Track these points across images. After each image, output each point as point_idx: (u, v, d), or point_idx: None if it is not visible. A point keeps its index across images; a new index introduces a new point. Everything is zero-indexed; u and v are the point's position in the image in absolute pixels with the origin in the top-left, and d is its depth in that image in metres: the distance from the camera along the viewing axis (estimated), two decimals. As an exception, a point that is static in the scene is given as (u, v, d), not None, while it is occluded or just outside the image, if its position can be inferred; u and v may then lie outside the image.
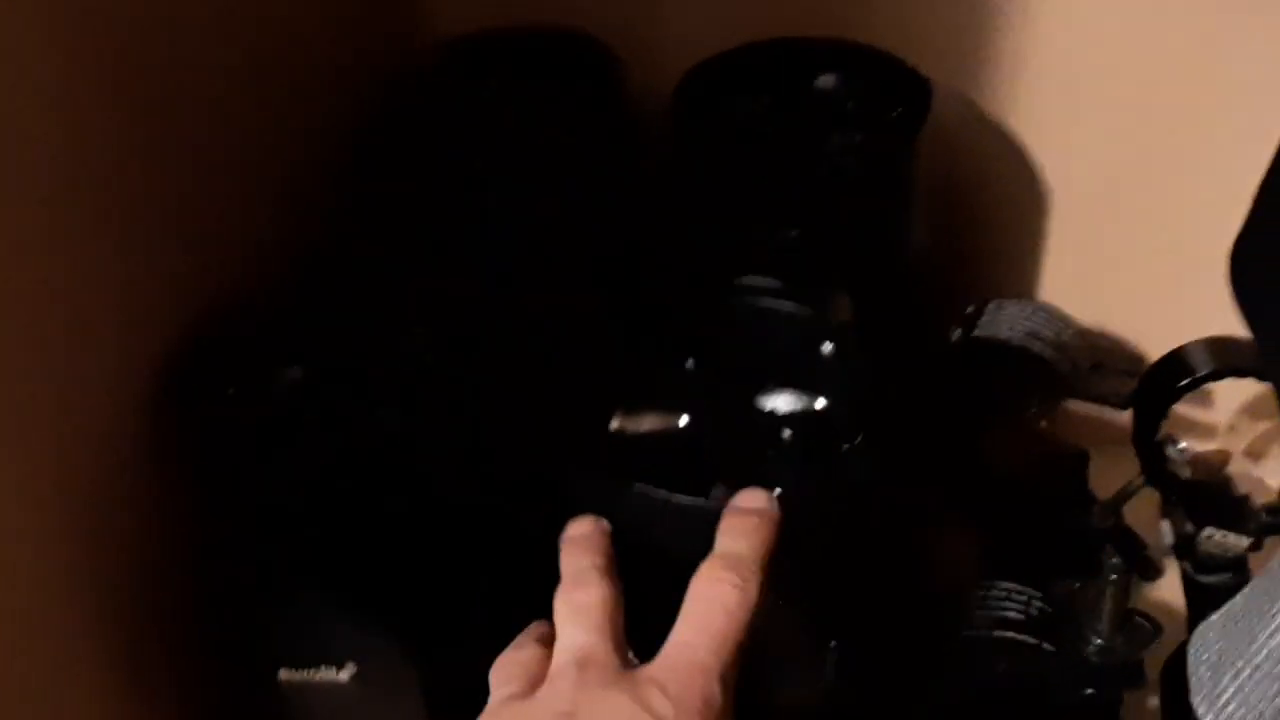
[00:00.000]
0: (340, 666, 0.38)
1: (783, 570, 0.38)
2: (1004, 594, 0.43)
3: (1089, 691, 0.43)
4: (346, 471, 0.39)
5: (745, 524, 0.36)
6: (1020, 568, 0.46)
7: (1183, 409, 0.49)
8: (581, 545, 0.37)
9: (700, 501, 0.36)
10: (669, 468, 0.37)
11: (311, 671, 0.39)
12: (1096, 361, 0.52)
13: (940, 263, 0.53)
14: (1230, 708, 0.30)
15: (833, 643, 0.39)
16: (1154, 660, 0.42)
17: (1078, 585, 0.43)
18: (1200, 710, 0.31)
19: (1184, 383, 0.47)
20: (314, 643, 0.38)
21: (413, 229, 0.46)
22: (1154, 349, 0.50)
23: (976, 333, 0.51)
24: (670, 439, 0.38)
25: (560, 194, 0.47)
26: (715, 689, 0.33)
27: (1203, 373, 0.47)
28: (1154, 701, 0.44)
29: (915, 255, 0.50)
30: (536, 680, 0.35)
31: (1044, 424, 0.56)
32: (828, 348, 0.40)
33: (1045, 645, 0.42)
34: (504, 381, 0.40)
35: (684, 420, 0.39)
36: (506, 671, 0.36)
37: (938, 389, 0.51)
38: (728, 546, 0.36)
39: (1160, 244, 0.52)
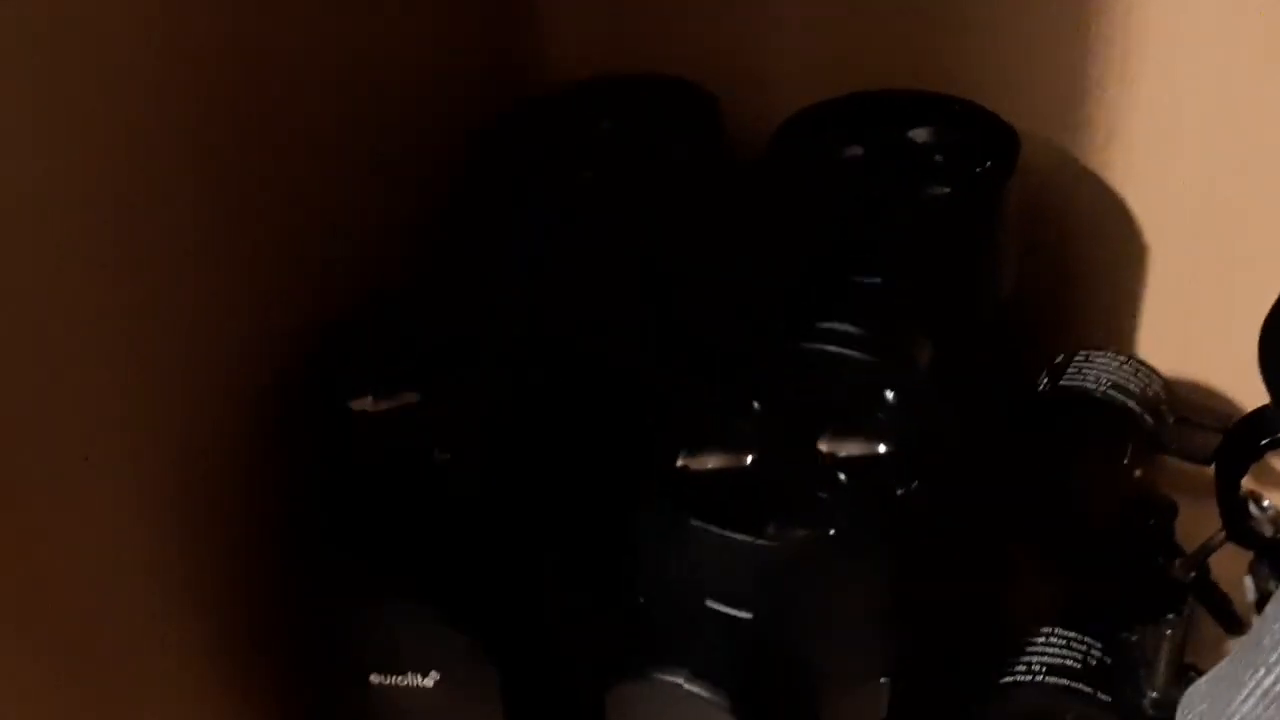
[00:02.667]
0: (425, 674, 0.42)
1: (840, 607, 0.40)
2: (1064, 641, 0.44)
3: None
4: (438, 488, 0.42)
5: None
6: (1096, 617, 0.47)
7: (1272, 466, 0.49)
8: None
9: (753, 540, 0.38)
10: (727, 506, 0.39)
11: (399, 678, 0.42)
12: (1182, 415, 0.52)
13: (1031, 316, 0.55)
14: None
15: (884, 679, 0.40)
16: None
17: (1135, 638, 0.43)
18: None
19: (1266, 441, 0.48)
20: (402, 651, 0.42)
21: (514, 249, 0.50)
22: (1241, 406, 0.51)
23: (1063, 382, 0.52)
24: (731, 478, 0.41)
25: (654, 226, 0.50)
26: None
27: (1287, 432, 0.47)
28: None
29: (1002, 306, 0.51)
30: None
31: (1138, 474, 0.57)
32: (890, 395, 0.42)
33: (1100, 695, 0.43)
34: (586, 409, 0.43)
35: (748, 460, 0.41)
36: None
37: (1025, 438, 0.52)
38: None
39: (1250, 301, 0.53)
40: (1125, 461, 0.54)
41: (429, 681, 0.42)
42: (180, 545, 0.42)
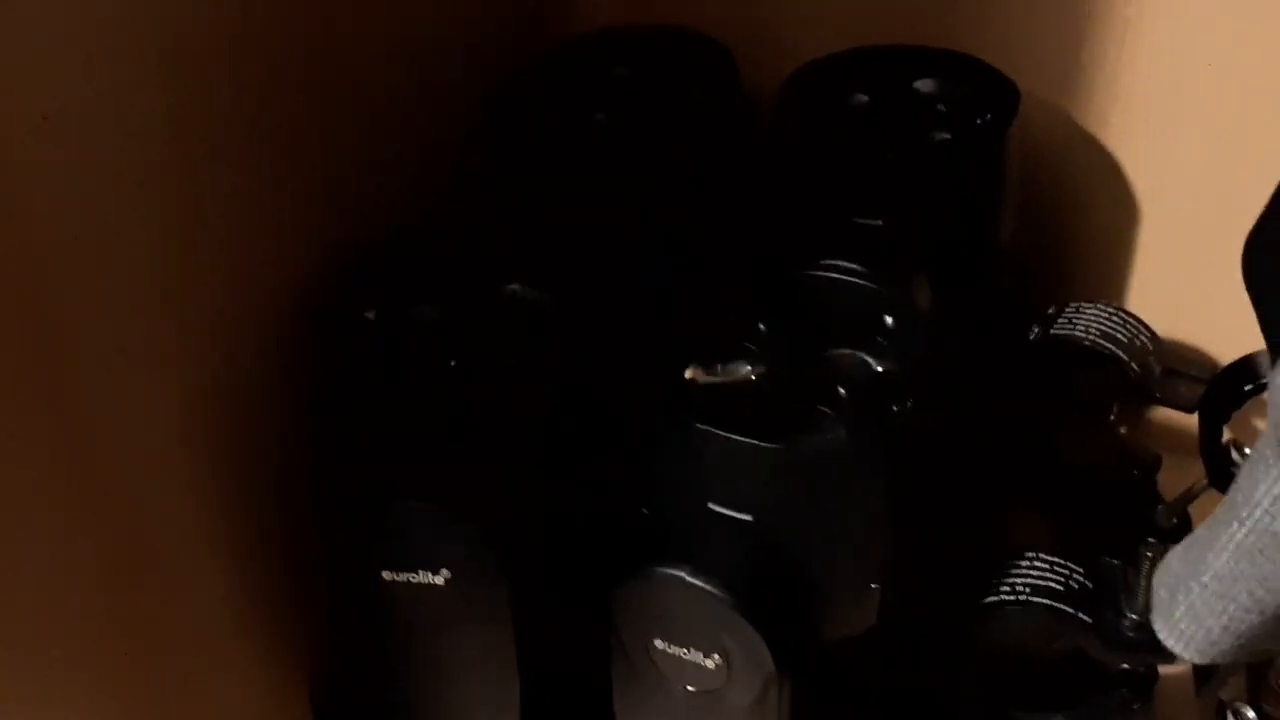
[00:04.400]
0: (436, 571, 0.43)
1: (834, 514, 0.42)
2: (1047, 565, 0.46)
3: (1124, 666, 0.46)
4: (453, 401, 0.44)
5: None
6: (1079, 545, 0.49)
7: (1254, 418, 0.51)
8: None
9: (755, 443, 0.40)
10: (731, 415, 0.41)
11: (411, 575, 0.44)
12: (1169, 366, 0.54)
13: (1029, 265, 0.57)
14: (1183, 625, 0.33)
15: (873, 585, 0.42)
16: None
17: (1118, 563, 0.45)
18: (1158, 626, 0.34)
19: (1250, 387, 0.49)
20: (414, 549, 0.43)
21: (533, 190, 0.52)
22: (1227, 359, 0.52)
23: (1053, 331, 0.54)
24: (735, 390, 0.42)
25: (671, 164, 0.52)
26: None
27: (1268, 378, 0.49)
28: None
29: (998, 253, 0.53)
30: None
31: (1123, 429, 0.59)
32: (890, 320, 0.44)
33: (1082, 615, 0.45)
34: (598, 324, 0.45)
35: (752, 374, 0.43)
36: None
37: (1016, 382, 0.54)
38: None
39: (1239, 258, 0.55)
40: (1113, 412, 0.56)
41: (440, 579, 0.43)
42: (211, 444, 0.44)
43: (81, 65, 0.37)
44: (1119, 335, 0.53)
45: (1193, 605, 0.33)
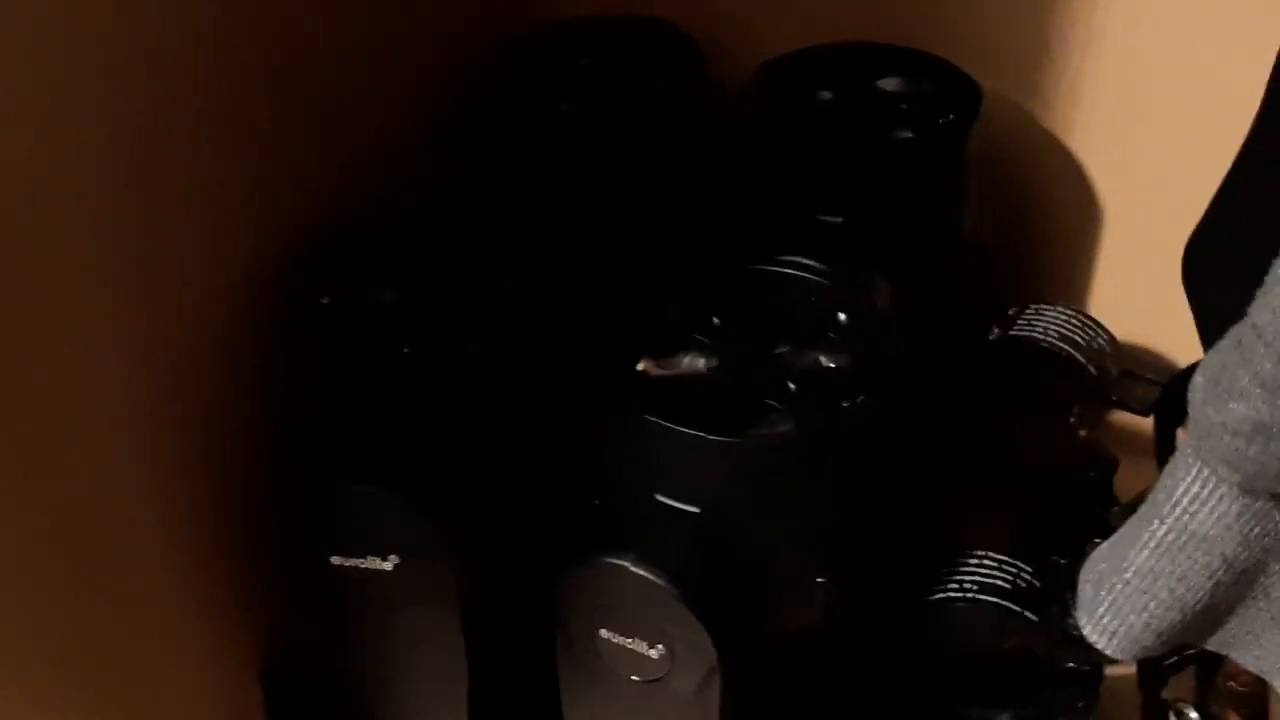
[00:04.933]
0: (384, 557, 0.44)
1: (781, 508, 0.42)
2: (995, 564, 0.46)
3: (1070, 665, 0.47)
4: (407, 387, 0.44)
5: None
6: (1029, 545, 0.49)
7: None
8: None
9: (704, 435, 0.40)
10: (682, 407, 0.41)
11: (359, 560, 0.44)
12: (1126, 369, 0.55)
13: (990, 266, 0.57)
14: (1105, 620, 0.33)
15: (819, 580, 0.43)
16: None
17: (1065, 562, 0.46)
18: (1081, 621, 0.34)
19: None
20: (364, 534, 0.44)
21: (501, 176, 0.52)
22: (1184, 362, 0.53)
23: (1012, 332, 0.54)
24: (687, 383, 0.43)
25: (636, 155, 0.52)
26: None
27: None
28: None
29: (957, 253, 0.54)
30: None
31: (1083, 431, 0.59)
32: (843, 317, 0.44)
33: (1028, 614, 0.45)
34: (554, 314, 0.45)
35: (704, 368, 0.43)
36: None
37: (974, 382, 0.54)
38: None
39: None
40: (1071, 414, 0.57)
41: (388, 564, 0.43)
42: (169, 423, 0.44)
43: (61, 51, 0.37)
44: (1077, 338, 0.54)
45: (1115, 601, 0.34)
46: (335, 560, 0.44)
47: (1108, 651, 0.36)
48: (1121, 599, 0.34)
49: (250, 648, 0.50)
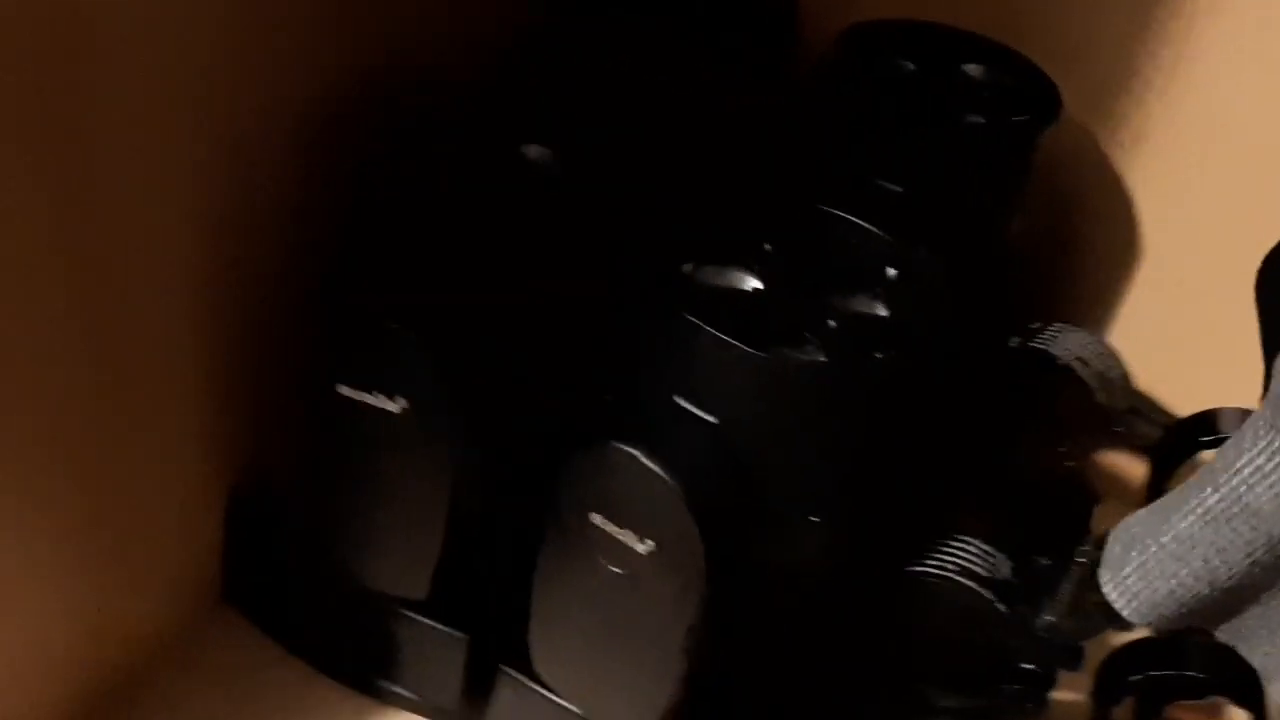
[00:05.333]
0: (392, 397, 0.43)
1: (794, 439, 0.42)
2: (980, 552, 0.47)
3: (1026, 665, 0.47)
4: (451, 236, 0.44)
5: None
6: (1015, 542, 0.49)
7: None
8: None
9: (738, 345, 0.40)
10: (718, 315, 0.41)
11: (367, 394, 0.43)
12: (1134, 406, 0.55)
13: (1023, 283, 0.57)
14: (1130, 580, 0.33)
15: (815, 520, 0.43)
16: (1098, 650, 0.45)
17: (1048, 564, 0.46)
18: (1103, 579, 0.34)
19: (1207, 439, 0.50)
20: (377, 369, 0.43)
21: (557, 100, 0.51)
22: (1190, 410, 0.53)
23: (1031, 344, 0.55)
24: (728, 295, 0.43)
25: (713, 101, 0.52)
26: None
27: (1228, 434, 0.50)
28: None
29: (1005, 249, 0.54)
30: None
31: (1081, 455, 0.60)
32: (892, 271, 0.44)
33: (998, 605, 0.45)
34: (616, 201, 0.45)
35: (748, 285, 0.43)
36: None
37: (987, 390, 0.54)
38: None
39: (1227, 321, 0.55)
40: (1067, 438, 0.57)
41: (395, 406, 0.43)
42: (217, 221, 0.44)
43: None
44: (1093, 363, 0.54)
45: (1145, 564, 0.34)
46: (342, 390, 0.43)
47: (1124, 613, 0.36)
48: (1153, 562, 0.34)
49: (230, 456, 0.49)
